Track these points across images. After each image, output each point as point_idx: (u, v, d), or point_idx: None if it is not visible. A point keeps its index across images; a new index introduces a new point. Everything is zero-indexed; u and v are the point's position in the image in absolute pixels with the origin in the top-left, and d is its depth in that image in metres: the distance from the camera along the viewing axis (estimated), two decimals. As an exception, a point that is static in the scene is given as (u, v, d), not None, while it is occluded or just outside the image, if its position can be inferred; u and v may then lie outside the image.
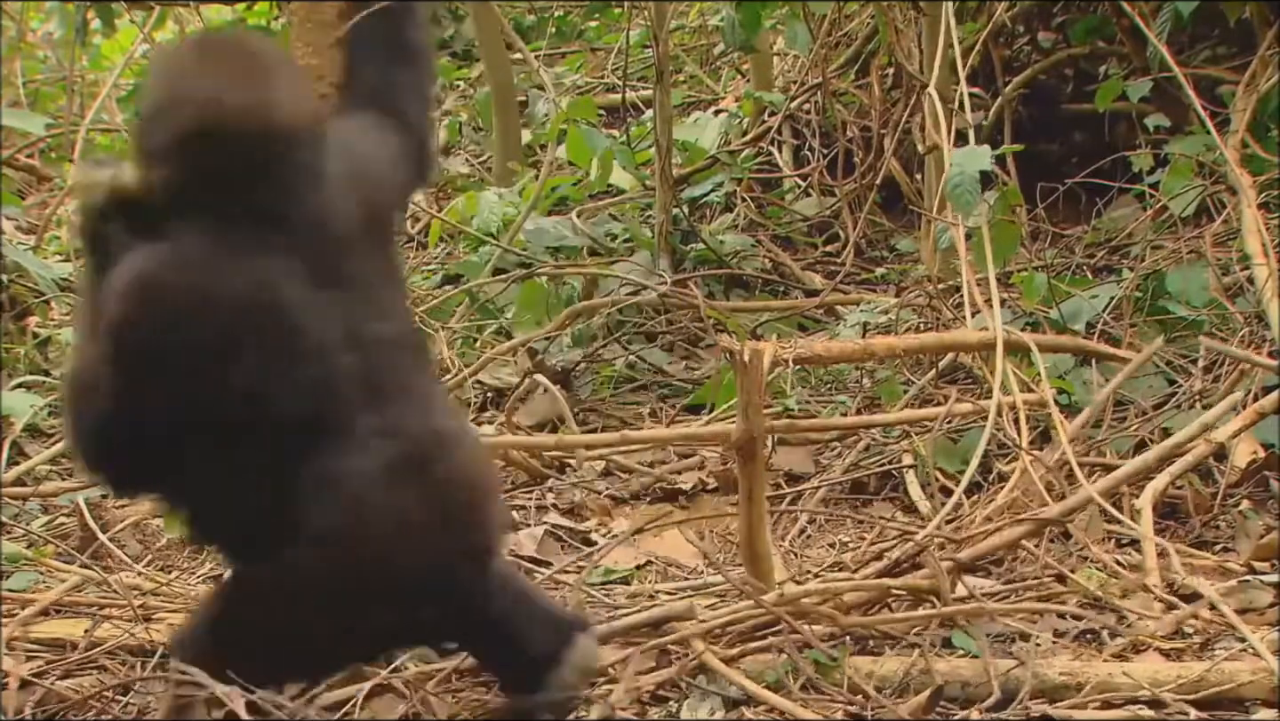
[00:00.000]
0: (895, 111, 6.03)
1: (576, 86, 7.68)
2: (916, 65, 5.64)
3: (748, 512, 3.43)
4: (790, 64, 7.08)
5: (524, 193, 6.13)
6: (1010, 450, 4.10)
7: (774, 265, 6.08)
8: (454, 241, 6.39)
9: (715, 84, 7.55)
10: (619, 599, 3.72)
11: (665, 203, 5.88)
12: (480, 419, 5.04)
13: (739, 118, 6.82)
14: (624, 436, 4.48)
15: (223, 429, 2.52)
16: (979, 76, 6.06)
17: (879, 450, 4.51)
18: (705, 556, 3.80)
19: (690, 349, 5.52)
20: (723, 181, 6.30)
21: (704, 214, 6.32)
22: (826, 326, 5.50)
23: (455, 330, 5.48)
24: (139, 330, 2.48)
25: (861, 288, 5.86)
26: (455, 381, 5.06)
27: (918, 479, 4.26)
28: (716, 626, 3.26)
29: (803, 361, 3.89)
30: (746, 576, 3.38)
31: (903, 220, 6.27)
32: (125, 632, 3.32)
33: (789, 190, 6.62)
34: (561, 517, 4.35)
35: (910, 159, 6.04)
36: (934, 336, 4.58)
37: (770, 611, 3.22)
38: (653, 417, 5.02)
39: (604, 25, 8.70)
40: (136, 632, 3.31)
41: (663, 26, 5.95)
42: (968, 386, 4.70)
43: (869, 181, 6.12)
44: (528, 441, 4.62)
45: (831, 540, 4.12)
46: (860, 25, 6.65)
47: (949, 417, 4.25)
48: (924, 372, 4.77)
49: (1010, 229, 4.69)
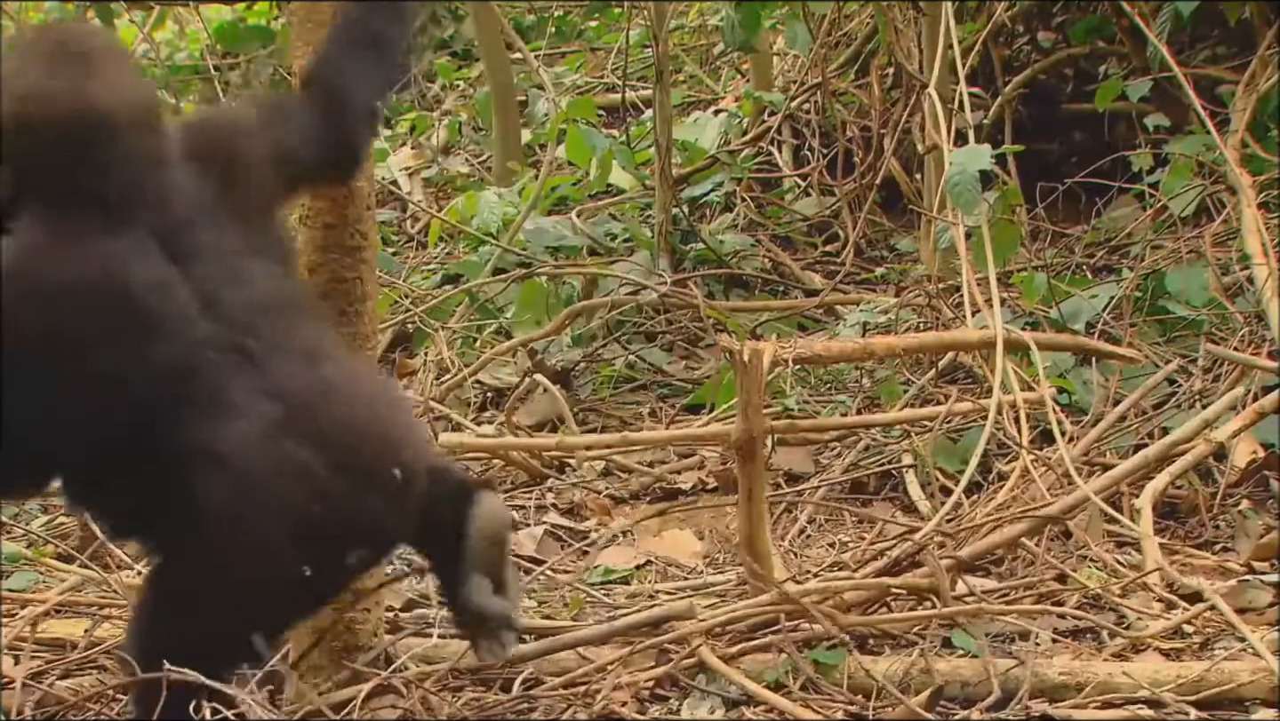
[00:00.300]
0: (895, 111, 6.03)
1: (576, 86, 7.68)
2: (916, 65, 5.64)
3: (747, 512, 3.44)
4: (790, 64, 7.08)
5: (524, 192, 6.13)
6: (1010, 449, 4.10)
7: (774, 265, 6.08)
8: (454, 241, 6.39)
9: (715, 84, 7.55)
10: (619, 598, 3.72)
11: (665, 202, 5.88)
12: (480, 418, 5.04)
13: (739, 117, 6.82)
14: (624, 437, 4.49)
15: (94, 417, 2.51)
16: (978, 76, 6.05)
17: (878, 450, 4.51)
18: (707, 556, 3.81)
19: (690, 349, 5.52)
20: (722, 181, 6.30)
21: (704, 214, 6.32)
22: (826, 326, 5.50)
23: (455, 330, 5.48)
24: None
25: (861, 287, 5.86)
26: (455, 381, 5.07)
27: (917, 478, 4.27)
28: (716, 625, 3.26)
29: (802, 361, 3.89)
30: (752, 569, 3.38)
31: (902, 220, 6.27)
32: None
33: (789, 190, 6.62)
34: (561, 517, 4.36)
35: (910, 159, 6.03)
36: (934, 336, 4.58)
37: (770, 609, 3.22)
38: (652, 417, 5.02)
39: (603, 25, 8.69)
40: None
41: (662, 26, 5.95)
42: (967, 386, 4.70)
43: (869, 181, 6.12)
44: (528, 442, 4.63)
45: (831, 540, 4.12)
46: (860, 25, 6.65)
47: (949, 417, 4.25)
48: (924, 372, 4.77)
49: (1010, 228, 4.69)
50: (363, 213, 3.04)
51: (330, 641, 3.04)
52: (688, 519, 4.38)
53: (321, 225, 3.01)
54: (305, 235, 3.02)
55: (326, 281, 3.01)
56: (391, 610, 3.41)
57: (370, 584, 3.07)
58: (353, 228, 3.03)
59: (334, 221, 3.01)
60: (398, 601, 3.54)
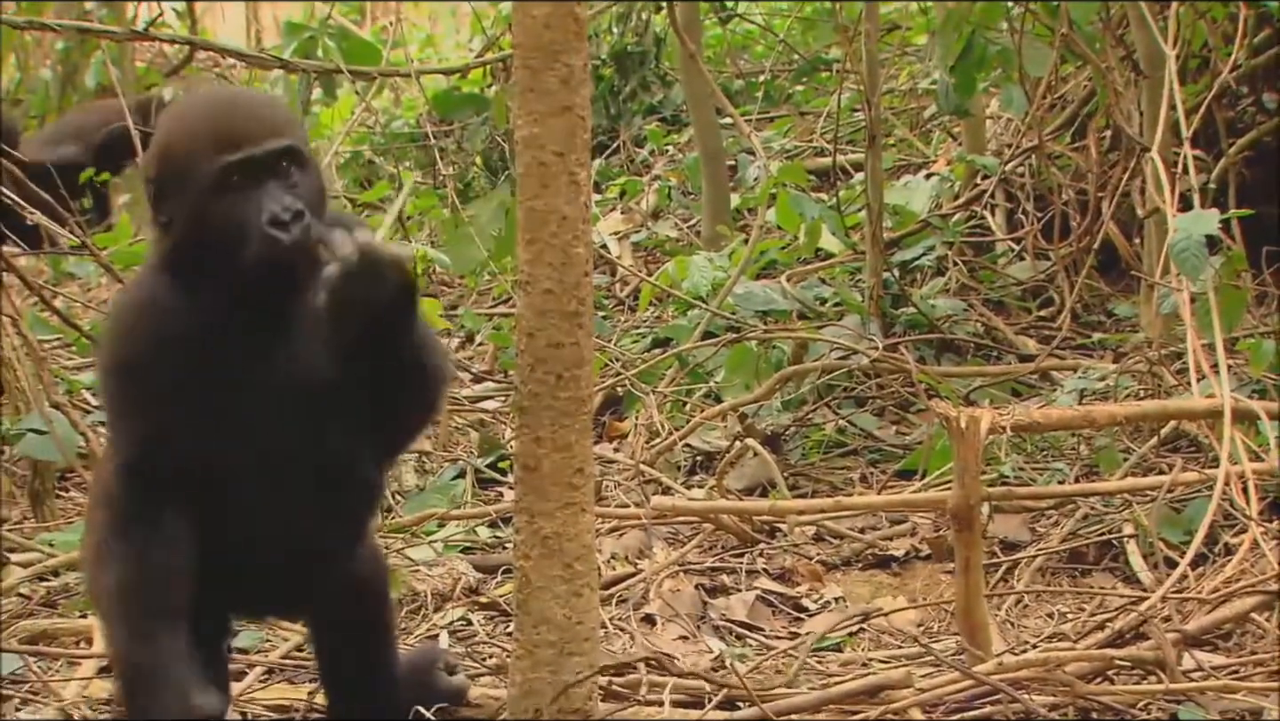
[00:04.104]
0: (1113, 174, 5.92)
1: (785, 150, 7.70)
2: (1136, 128, 5.54)
3: (965, 581, 3.39)
4: (1003, 127, 7.02)
5: (733, 256, 6.15)
6: (1237, 521, 3.98)
7: (986, 329, 6.01)
8: (663, 305, 6.43)
9: (926, 147, 7.50)
10: (831, 666, 3.69)
11: (876, 266, 5.85)
12: (690, 482, 5.05)
13: (950, 181, 6.77)
14: (838, 502, 4.45)
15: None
16: (1200, 138, 5.92)
17: (1097, 519, 4.41)
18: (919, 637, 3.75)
19: (901, 414, 5.47)
20: (934, 245, 6.25)
21: (915, 278, 6.27)
22: (1040, 392, 5.41)
23: (665, 393, 5.50)
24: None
25: (1077, 353, 5.76)
26: (665, 445, 5.08)
27: (1139, 549, 4.16)
28: (933, 697, 3.20)
29: (1021, 429, 3.83)
30: (969, 639, 3.33)
31: (1120, 285, 6.15)
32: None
33: (1002, 254, 6.54)
34: (772, 582, 4.33)
35: (1128, 222, 5.92)
36: (1157, 404, 4.47)
37: (993, 679, 3.16)
38: (863, 482, 4.98)
39: (810, 89, 8.72)
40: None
41: (875, 90, 5.94)
42: (1191, 455, 4.58)
43: (1086, 245, 6.02)
44: (740, 506, 4.62)
45: (1049, 610, 4.04)
46: (1077, 87, 6.56)
47: (1173, 487, 4.14)
48: (1144, 440, 4.66)
49: (1236, 294, 4.57)
50: (580, 279, 3.07)
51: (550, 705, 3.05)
52: (900, 586, 4.33)
53: (541, 290, 3.04)
54: (524, 300, 3.06)
55: (545, 346, 3.04)
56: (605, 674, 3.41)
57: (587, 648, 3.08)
58: (571, 294, 3.05)
59: (553, 288, 3.04)
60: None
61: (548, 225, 3.02)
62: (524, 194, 3.04)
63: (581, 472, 3.06)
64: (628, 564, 4.36)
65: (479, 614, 4.03)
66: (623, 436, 5.40)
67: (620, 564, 4.36)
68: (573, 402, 3.05)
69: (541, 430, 3.03)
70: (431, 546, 4.34)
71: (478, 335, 6.73)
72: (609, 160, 8.39)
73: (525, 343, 3.05)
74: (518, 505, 3.08)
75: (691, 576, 4.26)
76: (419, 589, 4.06)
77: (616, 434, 5.46)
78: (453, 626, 3.94)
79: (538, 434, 3.04)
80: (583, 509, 3.07)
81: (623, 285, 7.05)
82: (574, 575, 3.06)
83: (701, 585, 4.23)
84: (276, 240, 2.64)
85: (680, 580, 4.22)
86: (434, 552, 4.29)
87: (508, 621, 3.85)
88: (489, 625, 3.97)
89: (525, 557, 3.07)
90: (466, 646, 3.79)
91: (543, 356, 3.04)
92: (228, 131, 2.68)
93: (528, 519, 3.06)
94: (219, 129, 2.69)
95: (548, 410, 3.03)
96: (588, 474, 3.08)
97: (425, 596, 4.04)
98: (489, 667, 3.52)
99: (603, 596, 3.75)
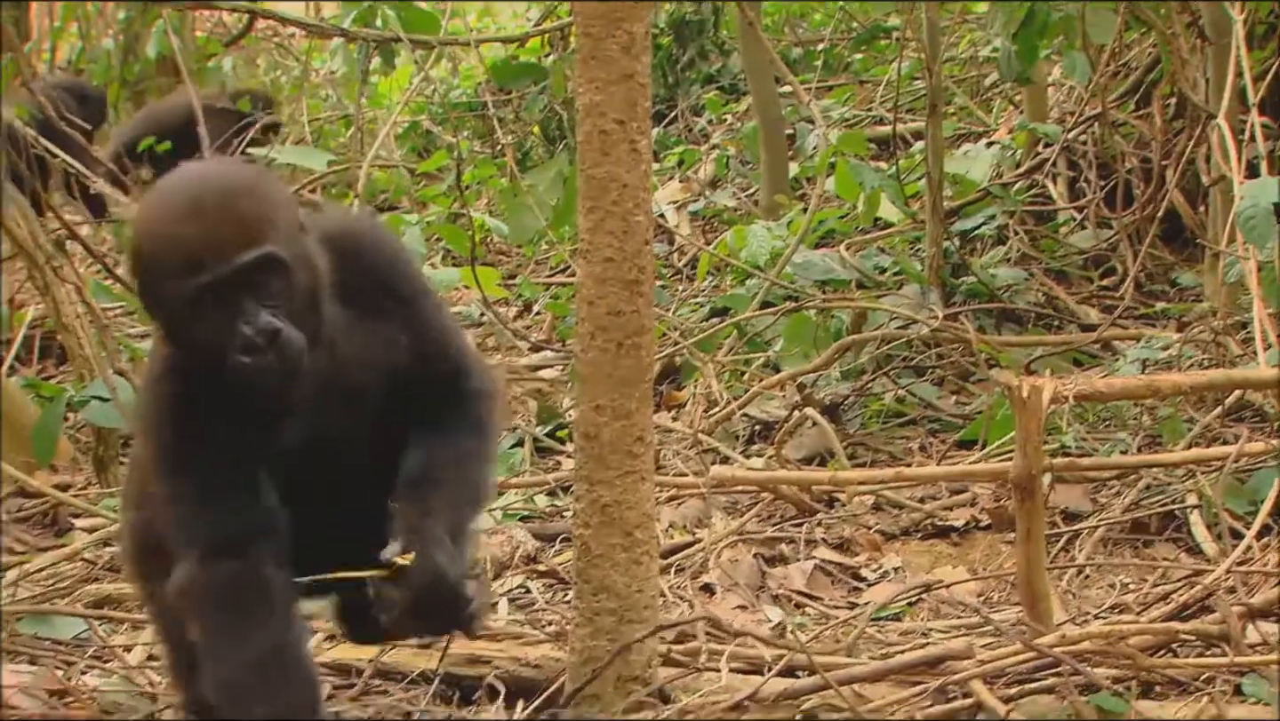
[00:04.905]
0: (1178, 142, 5.86)
1: (844, 119, 7.65)
2: (1202, 95, 5.47)
3: (1026, 552, 3.36)
4: (1065, 95, 6.95)
5: (792, 225, 6.12)
6: (1304, 492, 3.94)
7: (1048, 299, 5.96)
8: (721, 274, 6.41)
9: (987, 115, 7.44)
10: (891, 635, 3.67)
11: (936, 235, 5.81)
12: (749, 451, 5.04)
13: (1012, 149, 6.71)
14: (899, 473, 4.43)
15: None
16: (1266, 105, 5.84)
17: (1159, 489, 4.37)
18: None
19: (960, 383, 5.44)
20: (995, 214, 6.21)
21: (975, 247, 6.23)
22: (1102, 362, 5.36)
23: (723, 363, 5.49)
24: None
25: (1140, 322, 5.71)
26: (723, 414, 5.07)
27: (1203, 520, 4.12)
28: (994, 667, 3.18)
29: (1084, 398, 3.78)
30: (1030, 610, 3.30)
31: (1184, 254, 6.09)
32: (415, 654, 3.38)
33: (1064, 223, 6.49)
34: (831, 552, 4.32)
35: (1192, 190, 5.86)
36: (1223, 374, 4.42)
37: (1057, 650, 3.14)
38: (922, 452, 4.96)
39: (869, 58, 8.66)
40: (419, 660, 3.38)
41: (936, 58, 5.89)
42: (1256, 425, 4.53)
43: (1149, 214, 5.96)
44: (800, 476, 4.60)
45: (1111, 581, 4.01)
46: (1141, 54, 6.49)
47: (1238, 457, 4.09)
48: (1208, 410, 4.61)
49: (1303, 263, 4.51)
50: (641, 247, 3.06)
51: (608, 670, 3.06)
52: (960, 556, 4.31)
53: (601, 259, 3.04)
54: (585, 269, 3.05)
55: (605, 314, 3.04)
56: (664, 641, 3.41)
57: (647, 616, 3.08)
58: (631, 262, 3.05)
59: (613, 256, 3.04)
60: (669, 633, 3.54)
61: (608, 193, 3.02)
62: (584, 162, 3.03)
63: (641, 441, 3.06)
64: (686, 533, 4.36)
65: (538, 581, 4.04)
66: (680, 405, 5.39)
67: (679, 533, 4.36)
68: (633, 370, 3.05)
69: (601, 398, 3.04)
70: (490, 514, 4.35)
71: (535, 304, 6.74)
72: (667, 129, 8.37)
73: (585, 311, 3.05)
74: (577, 473, 3.09)
75: (750, 545, 4.26)
76: (478, 556, 4.08)
77: (674, 403, 5.46)
78: (511, 594, 3.95)
79: (598, 402, 3.04)
80: (642, 477, 3.07)
81: (681, 254, 7.04)
82: (634, 543, 3.07)
83: (760, 554, 4.22)
84: (251, 368, 2.47)
85: (739, 549, 4.22)
86: (493, 521, 4.31)
87: (566, 589, 3.86)
88: (547, 592, 3.98)
89: (585, 526, 3.07)
90: (525, 613, 3.80)
91: (603, 324, 3.04)
92: (198, 245, 2.45)
93: (587, 487, 3.06)
94: (188, 244, 2.46)
95: (608, 378, 3.03)
96: (648, 442, 3.08)
97: (484, 564, 4.05)
98: (548, 634, 3.53)
99: (661, 565, 3.75)
